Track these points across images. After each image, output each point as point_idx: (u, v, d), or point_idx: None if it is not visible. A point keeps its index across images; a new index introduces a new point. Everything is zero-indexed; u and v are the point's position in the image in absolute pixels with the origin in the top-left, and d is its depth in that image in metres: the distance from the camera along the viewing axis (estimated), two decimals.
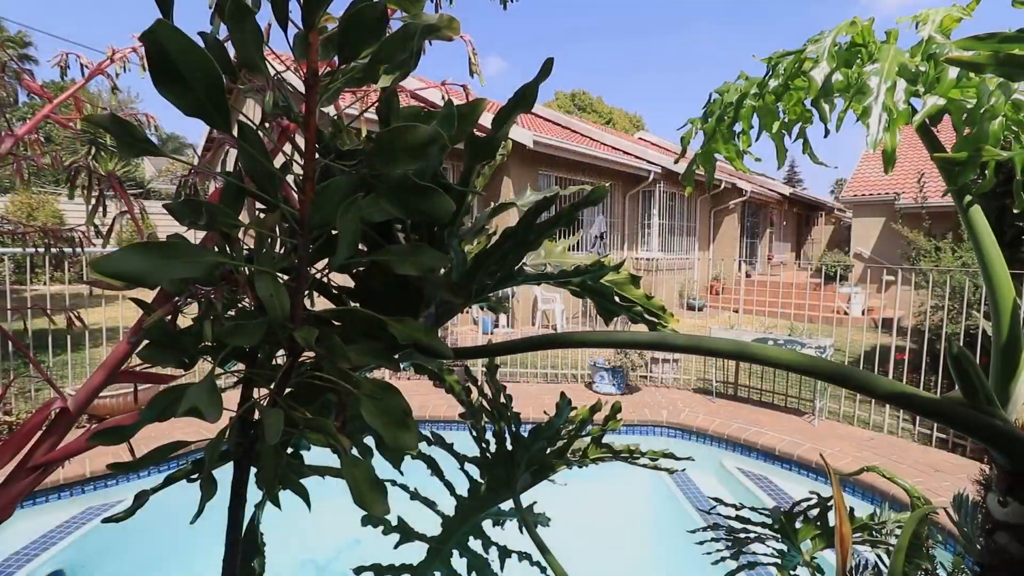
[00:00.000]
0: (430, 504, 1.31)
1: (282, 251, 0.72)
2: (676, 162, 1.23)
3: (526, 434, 1.20)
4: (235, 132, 0.56)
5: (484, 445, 1.30)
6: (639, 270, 12.31)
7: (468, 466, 1.30)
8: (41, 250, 1.53)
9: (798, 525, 1.37)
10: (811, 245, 22.32)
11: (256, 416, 0.74)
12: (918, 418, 4.40)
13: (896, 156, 0.73)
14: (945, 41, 0.74)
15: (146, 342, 0.59)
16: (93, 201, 1.10)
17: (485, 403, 1.31)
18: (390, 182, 0.53)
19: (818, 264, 15.33)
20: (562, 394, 1.20)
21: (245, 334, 0.57)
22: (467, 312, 9.50)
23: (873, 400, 5.13)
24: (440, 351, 0.75)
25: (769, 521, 1.41)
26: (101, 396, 3.23)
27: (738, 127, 1.05)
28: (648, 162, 11.85)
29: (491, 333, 9.00)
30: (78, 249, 1.63)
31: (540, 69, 0.60)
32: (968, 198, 0.78)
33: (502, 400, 1.22)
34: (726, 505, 1.46)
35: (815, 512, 1.39)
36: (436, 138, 0.49)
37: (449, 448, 1.35)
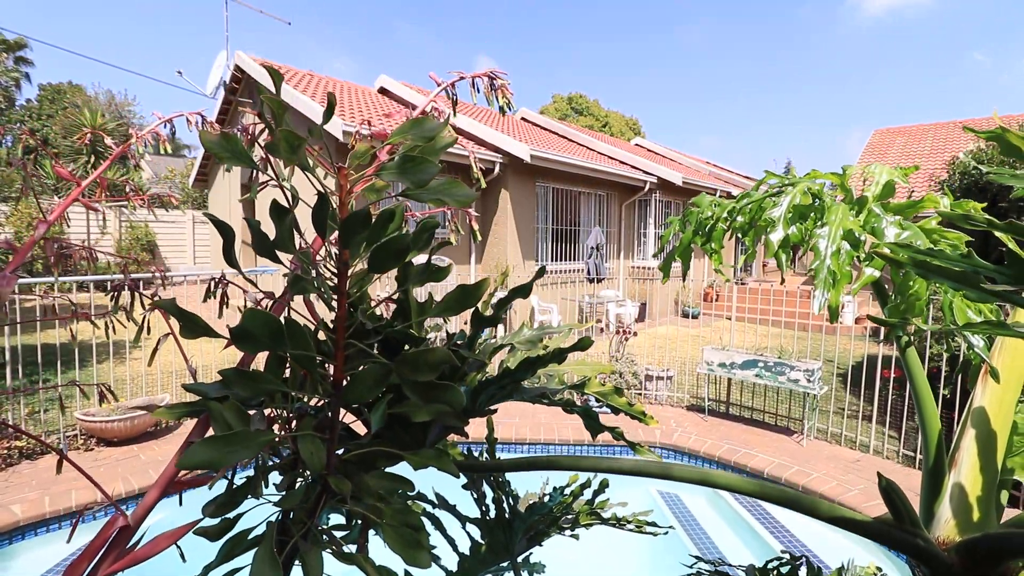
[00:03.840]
0: (435, 558, 1.44)
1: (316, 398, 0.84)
2: (654, 256, 1.35)
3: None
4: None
5: (484, 508, 1.43)
6: (635, 279, 12.45)
7: (469, 526, 1.43)
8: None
9: None
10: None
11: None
12: (902, 439, 4.54)
13: (840, 312, 0.85)
14: (883, 215, 0.87)
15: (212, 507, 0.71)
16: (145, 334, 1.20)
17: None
18: (415, 382, 0.66)
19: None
20: (554, 487, 1.33)
21: (291, 499, 0.69)
22: (465, 323, 9.62)
23: (860, 418, 5.28)
24: (449, 471, 0.87)
25: None
26: (108, 420, 3.33)
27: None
28: (644, 172, 11.98)
29: None
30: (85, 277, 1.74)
31: (535, 274, 0.72)
32: (905, 339, 0.91)
33: (502, 478, 1.35)
34: (706, 562, 1.59)
35: (787, 569, 1.52)
36: (448, 359, 0.62)
37: (452, 509, 1.47)
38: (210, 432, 0.86)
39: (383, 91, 12.03)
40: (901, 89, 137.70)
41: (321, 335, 0.84)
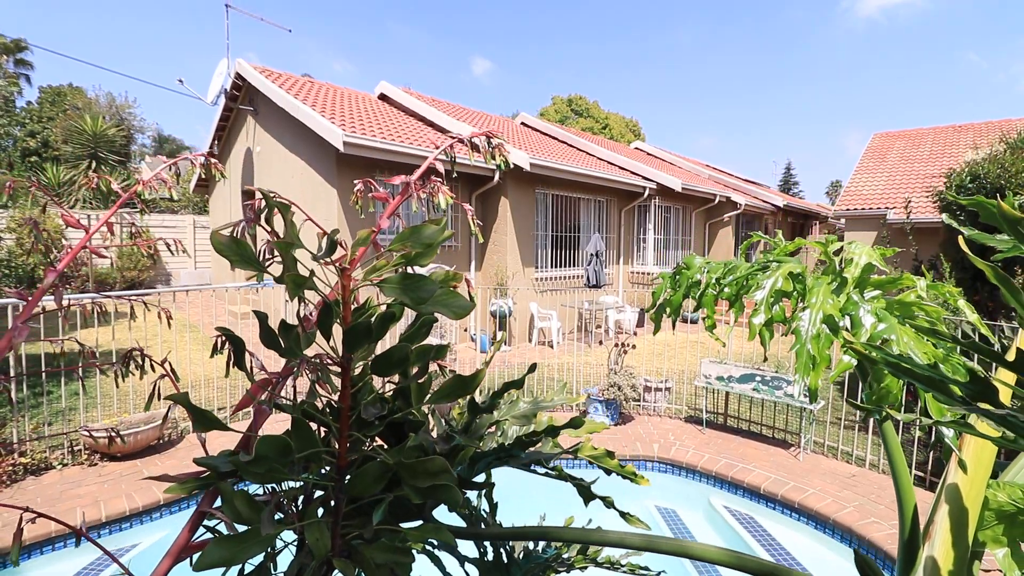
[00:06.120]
0: None
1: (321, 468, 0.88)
2: (646, 311, 1.39)
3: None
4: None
5: (482, 549, 1.47)
6: (635, 284, 12.49)
7: (468, 565, 1.48)
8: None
9: None
10: (806, 254, 22.55)
11: None
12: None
13: (819, 394, 0.89)
14: (860, 302, 0.91)
15: None
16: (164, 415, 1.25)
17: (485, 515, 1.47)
18: (416, 486, 0.70)
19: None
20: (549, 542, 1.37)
21: None
22: (465, 330, 9.67)
23: (857, 430, 5.32)
24: (446, 541, 0.92)
25: None
26: (114, 434, 3.32)
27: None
28: (643, 178, 12.03)
29: (488, 351, 9.15)
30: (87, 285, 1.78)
31: (528, 368, 0.76)
32: (886, 412, 0.95)
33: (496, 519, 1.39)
34: None
35: None
36: (446, 468, 0.66)
37: (451, 549, 1.52)
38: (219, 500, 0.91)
39: (383, 97, 12.07)
40: (897, 90, 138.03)
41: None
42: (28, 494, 3.81)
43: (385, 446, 0.97)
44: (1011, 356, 0.65)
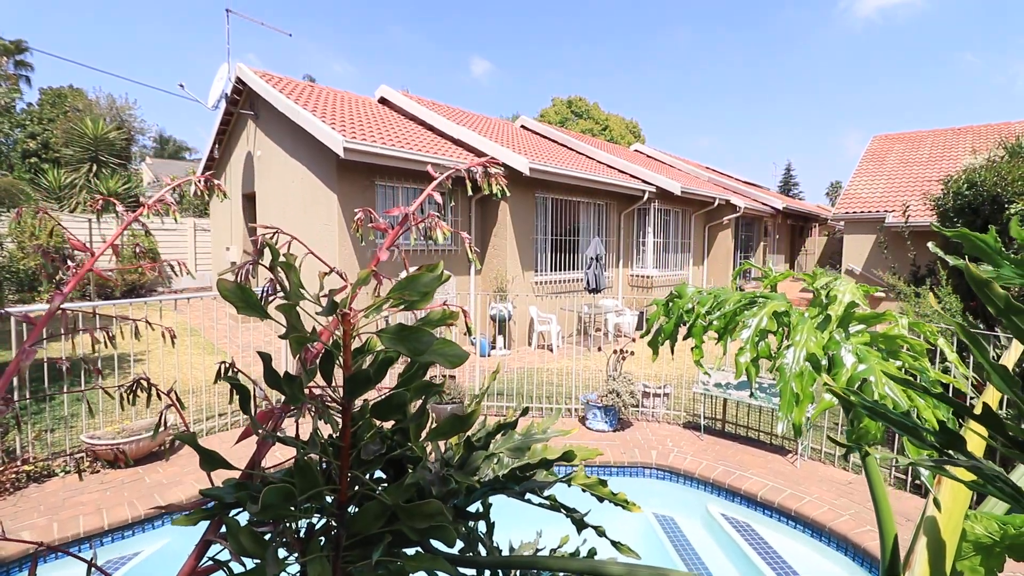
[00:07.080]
0: None
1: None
2: (642, 336, 1.42)
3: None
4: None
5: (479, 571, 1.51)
6: (635, 287, 12.52)
7: None
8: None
9: None
10: (805, 256, 22.60)
11: None
12: (894, 459, 4.61)
13: (803, 429, 0.93)
14: (842, 342, 0.94)
15: None
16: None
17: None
18: (414, 527, 0.74)
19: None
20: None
21: None
22: (464, 334, 9.70)
23: None
24: (445, 570, 0.95)
25: None
26: (113, 443, 3.39)
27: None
28: (643, 181, 12.06)
29: (487, 355, 9.20)
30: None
31: (520, 411, 0.80)
32: (866, 449, 0.98)
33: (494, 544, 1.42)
34: None
35: None
36: (441, 511, 0.70)
37: (452, 570, 1.55)
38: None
39: (383, 101, 12.11)
40: (895, 90, 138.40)
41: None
42: (31, 501, 3.85)
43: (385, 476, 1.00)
44: (978, 410, 0.68)
